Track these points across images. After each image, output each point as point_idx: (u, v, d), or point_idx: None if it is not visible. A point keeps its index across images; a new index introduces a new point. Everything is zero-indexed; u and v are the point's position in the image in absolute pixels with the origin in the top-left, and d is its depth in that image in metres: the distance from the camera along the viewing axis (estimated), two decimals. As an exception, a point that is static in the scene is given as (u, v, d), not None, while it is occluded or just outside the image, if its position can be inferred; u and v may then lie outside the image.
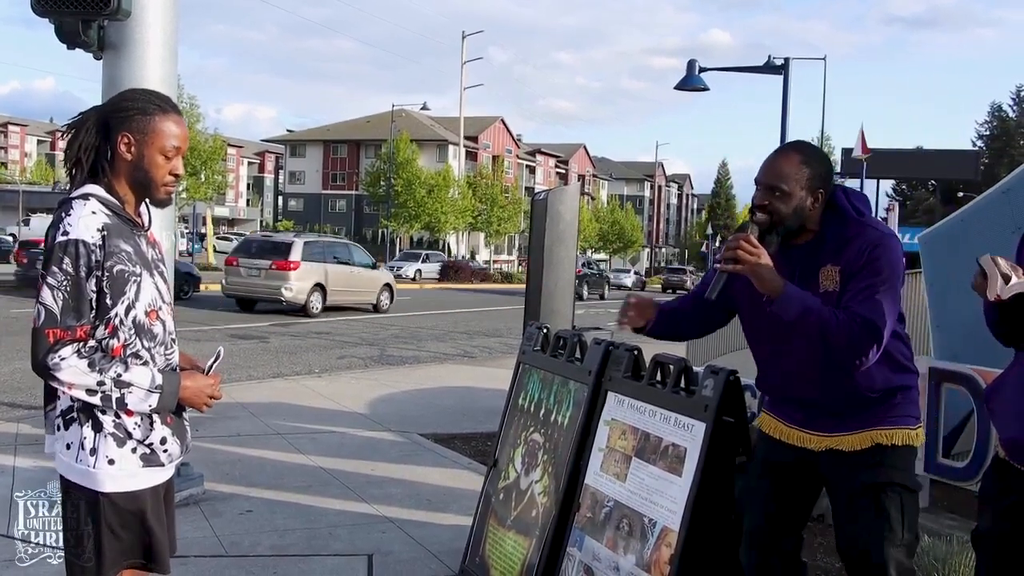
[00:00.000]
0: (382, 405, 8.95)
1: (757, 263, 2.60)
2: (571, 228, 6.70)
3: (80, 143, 2.27)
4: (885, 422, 2.72)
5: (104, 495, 2.22)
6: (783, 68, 15.37)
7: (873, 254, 2.63)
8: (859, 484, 2.71)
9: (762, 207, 2.73)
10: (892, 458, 2.71)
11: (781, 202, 2.70)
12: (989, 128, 61.69)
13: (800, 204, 2.70)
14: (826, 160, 2.82)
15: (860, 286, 2.60)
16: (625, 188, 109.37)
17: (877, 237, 2.67)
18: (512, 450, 3.95)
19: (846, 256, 2.67)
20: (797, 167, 2.71)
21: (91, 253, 2.16)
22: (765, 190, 2.73)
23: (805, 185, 2.70)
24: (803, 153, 2.77)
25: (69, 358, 2.13)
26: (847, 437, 2.74)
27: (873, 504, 2.68)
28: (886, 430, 2.71)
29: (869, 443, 2.71)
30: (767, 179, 2.73)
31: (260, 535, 4.72)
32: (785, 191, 2.69)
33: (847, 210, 2.75)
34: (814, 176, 2.71)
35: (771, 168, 2.75)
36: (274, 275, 19.19)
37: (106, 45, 4.77)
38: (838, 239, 2.71)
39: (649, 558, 3.00)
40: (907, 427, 2.74)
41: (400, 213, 52.79)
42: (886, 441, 2.71)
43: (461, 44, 52.25)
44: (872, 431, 2.72)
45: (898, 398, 2.75)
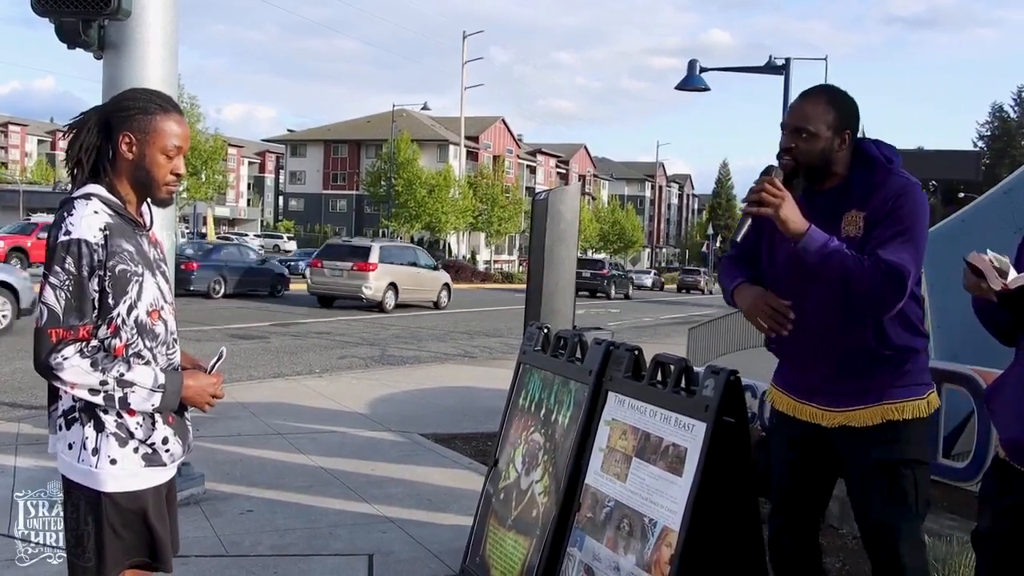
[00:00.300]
0: (383, 405, 8.95)
1: (782, 205, 2.60)
2: (572, 228, 6.70)
3: (81, 143, 2.27)
4: (895, 394, 2.72)
5: (106, 495, 2.23)
6: (784, 68, 15.38)
7: (899, 202, 2.62)
8: (872, 461, 2.73)
9: (788, 150, 2.72)
10: (904, 432, 2.72)
11: (807, 144, 2.70)
12: (990, 128, 61.68)
13: (826, 146, 2.70)
14: (852, 103, 2.78)
15: (886, 234, 2.59)
16: (626, 188, 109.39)
17: (904, 185, 2.66)
18: (513, 450, 3.95)
19: (872, 202, 2.66)
20: (823, 108, 2.70)
21: (93, 253, 2.16)
22: (791, 132, 2.72)
23: (831, 125, 2.69)
24: (829, 95, 2.76)
25: (72, 358, 2.13)
26: (858, 412, 2.74)
27: (888, 482, 2.71)
28: (896, 403, 2.71)
29: (880, 419, 2.72)
30: (793, 121, 2.73)
31: (261, 535, 4.72)
32: (811, 132, 2.69)
33: (876, 157, 2.73)
34: (840, 117, 2.71)
35: (797, 110, 2.74)
36: (355, 275, 21.69)
37: (106, 45, 4.78)
38: (865, 185, 2.70)
39: (649, 558, 3.00)
40: (917, 397, 2.74)
41: (401, 213, 52.80)
42: (897, 416, 2.71)
43: (462, 44, 52.27)
44: (883, 405, 2.72)
45: (908, 364, 2.74)
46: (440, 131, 72.33)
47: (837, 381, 2.78)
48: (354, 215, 75.86)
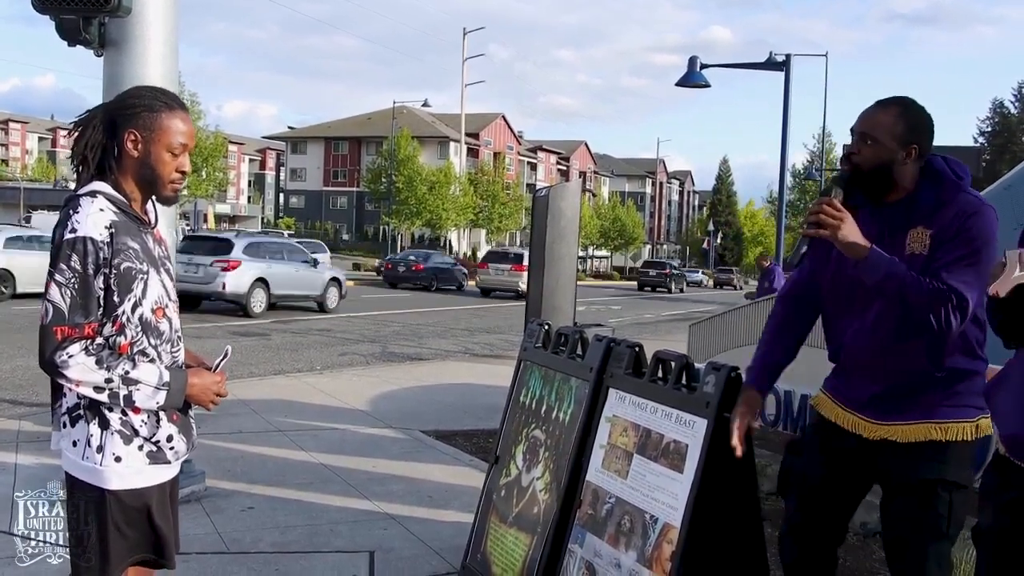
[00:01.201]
0: (383, 402, 8.96)
1: (841, 226, 2.56)
2: (572, 225, 6.71)
3: (87, 141, 2.27)
4: (942, 413, 2.67)
5: (110, 492, 2.23)
6: (785, 65, 15.35)
7: (968, 223, 2.57)
8: (909, 478, 2.68)
9: (851, 154, 2.70)
10: (947, 453, 2.66)
11: (871, 150, 2.65)
12: (991, 124, 61.66)
13: (890, 156, 2.64)
14: (925, 118, 2.72)
15: (952, 256, 2.54)
16: (626, 185, 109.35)
17: (975, 205, 2.61)
18: (513, 447, 3.96)
19: (939, 220, 2.60)
20: (893, 118, 2.66)
21: (99, 250, 2.16)
22: (858, 137, 2.69)
23: (898, 137, 2.64)
24: (902, 106, 2.71)
25: (77, 355, 2.13)
26: (901, 428, 2.69)
27: (922, 501, 2.66)
28: (941, 424, 2.66)
29: (923, 437, 2.66)
30: (861, 126, 2.70)
31: (262, 532, 4.72)
32: (876, 139, 2.65)
33: (945, 173, 2.68)
34: (908, 129, 2.64)
35: (868, 117, 2.71)
36: (513, 274, 30.04)
37: (107, 42, 4.77)
38: (933, 201, 2.64)
39: (650, 555, 3.00)
40: (965, 420, 2.68)
41: (401, 210, 52.82)
42: (940, 436, 2.65)
43: (462, 41, 52.22)
44: (928, 424, 2.67)
45: (961, 386, 2.68)
46: (441, 128, 72.29)
47: (887, 398, 2.73)
48: (355, 212, 75.87)
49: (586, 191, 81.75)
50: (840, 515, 2.91)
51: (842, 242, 2.57)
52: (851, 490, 2.88)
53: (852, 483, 2.87)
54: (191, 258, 17.73)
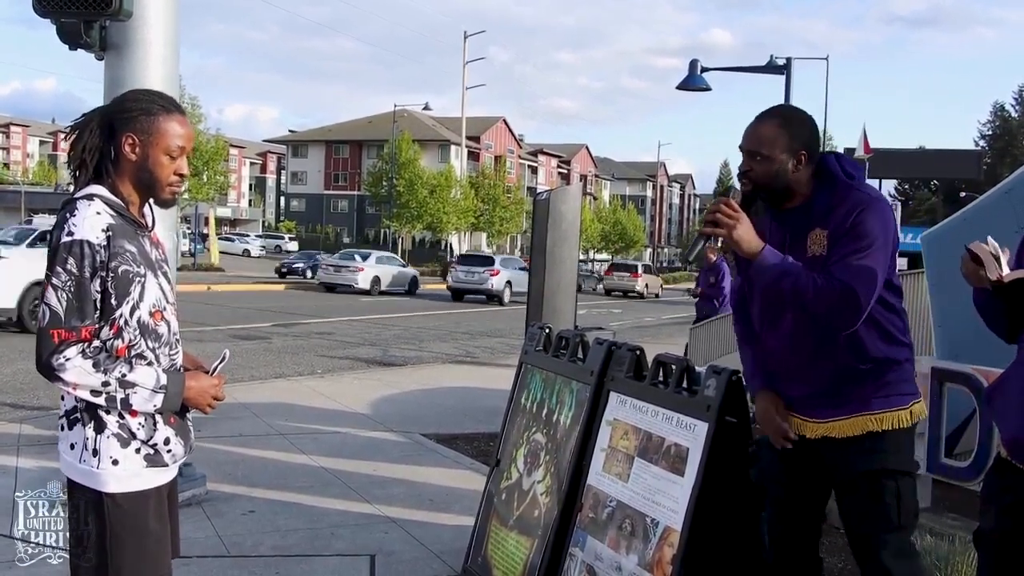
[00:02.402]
0: (384, 405, 8.95)
1: (735, 226, 2.63)
2: (573, 228, 6.71)
3: (84, 144, 2.27)
4: (876, 404, 2.71)
5: (108, 495, 2.22)
6: (785, 68, 15.36)
7: (858, 218, 2.62)
8: (854, 472, 2.73)
9: (744, 172, 2.76)
10: (885, 443, 2.71)
11: (762, 166, 2.72)
12: (992, 128, 61.73)
13: (781, 167, 2.70)
14: (807, 123, 2.79)
15: (843, 251, 2.60)
16: (627, 188, 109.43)
17: (863, 200, 2.66)
18: (514, 450, 3.96)
19: (833, 220, 2.67)
20: (775, 131, 2.72)
21: (96, 254, 2.15)
22: (747, 155, 2.76)
23: (785, 148, 2.70)
24: (781, 117, 2.78)
25: (74, 359, 2.13)
26: (838, 423, 2.74)
27: (869, 492, 2.70)
28: (876, 414, 2.71)
29: (861, 430, 2.71)
30: (747, 144, 2.76)
31: (262, 535, 4.72)
32: (765, 155, 2.71)
33: (836, 174, 2.74)
34: (793, 138, 2.71)
35: (751, 134, 2.76)
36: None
37: (108, 45, 4.77)
38: (826, 203, 2.71)
39: (651, 558, 3.00)
40: (899, 408, 2.73)
41: (402, 213, 52.82)
42: (877, 427, 2.71)
43: (463, 44, 52.27)
44: (863, 416, 2.72)
45: (891, 374, 2.74)
46: (441, 131, 72.35)
47: (819, 396, 2.78)
48: (355, 215, 75.89)
49: (587, 194, 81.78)
50: (810, 517, 2.95)
51: (736, 241, 2.65)
52: (813, 491, 2.92)
53: (811, 484, 2.90)
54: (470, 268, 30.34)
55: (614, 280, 42.66)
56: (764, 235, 2.72)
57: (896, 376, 2.75)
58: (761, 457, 3.01)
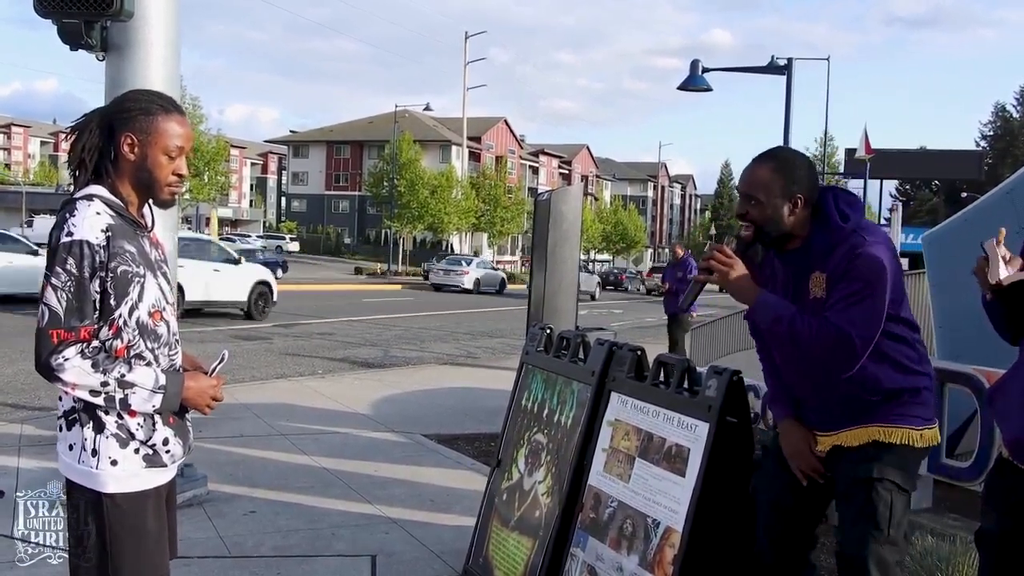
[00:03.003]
0: (385, 406, 8.95)
1: (728, 273, 2.67)
2: (574, 228, 6.72)
3: (84, 144, 2.27)
4: (887, 419, 2.71)
5: (107, 496, 2.22)
6: (786, 68, 15.35)
7: (853, 263, 2.62)
8: (853, 478, 2.73)
9: (741, 216, 2.78)
10: (888, 455, 2.70)
11: (757, 210, 2.73)
12: (993, 128, 61.72)
13: (775, 212, 2.71)
14: (803, 165, 2.80)
15: (838, 296, 2.62)
16: (628, 188, 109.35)
17: (857, 243, 2.65)
18: (515, 450, 3.96)
19: (831, 263, 2.67)
20: (770, 175, 2.72)
21: (95, 254, 2.15)
22: (743, 198, 2.77)
23: (779, 193, 2.70)
24: (776, 160, 2.78)
25: (73, 359, 2.13)
26: (847, 433, 2.75)
27: (863, 499, 2.69)
28: (885, 427, 2.71)
29: (867, 439, 2.71)
30: (743, 188, 2.78)
31: (263, 536, 4.72)
32: (760, 200, 2.71)
33: (831, 215, 2.73)
34: (788, 183, 2.71)
35: (747, 177, 2.77)
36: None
37: (109, 46, 4.77)
38: (824, 245, 2.71)
39: (652, 558, 3.00)
40: (910, 427, 2.72)
41: (403, 214, 52.76)
42: (883, 438, 2.70)
43: (464, 45, 52.27)
44: (872, 427, 2.72)
45: (902, 400, 2.73)
46: (442, 132, 72.31)
47: (830, 420, 2.80)
48: (356, 216, 75.86)
49: (588, 195, 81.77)
50: (806, 527, 2.94)
51: (731, 288, 2.69)
52: (814, 504, 2.92)
53: (814, 497, 2.90)
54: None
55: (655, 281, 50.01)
56: (771, 275, 2.77)
57: (912, 401, 2.74)
58: (765, 464, 3.01)
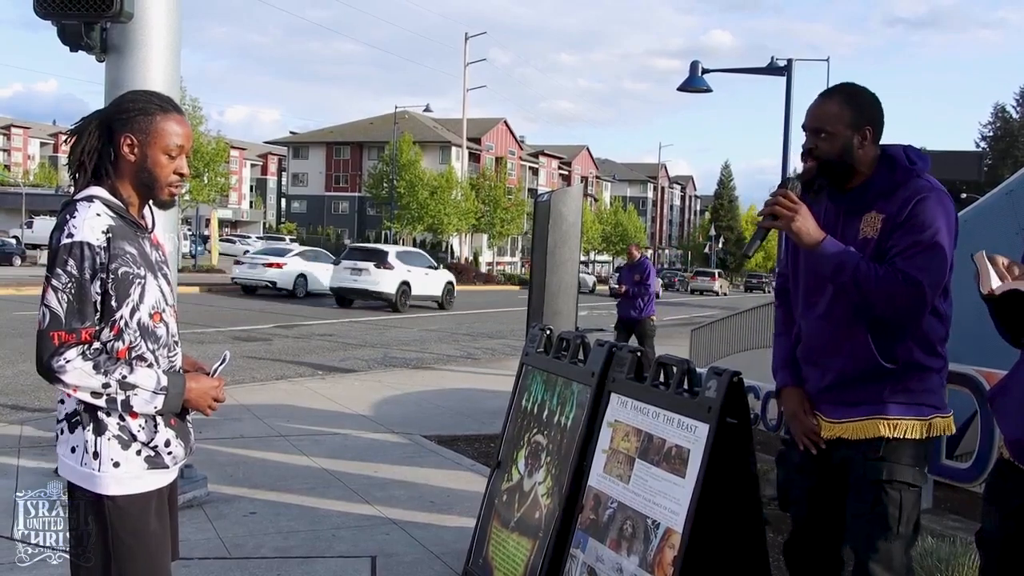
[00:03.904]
0: (385, 407, 8.95)
1: (795, 217, 2.60)
2: (574, 230, 6.71)
3: (83, 146, 2.27)
4: (893, 410, 2.67)
5: (109, 498, 2.22)
6: (786, 70, 15.35)
7: (917, 207, 2.59)
8: (860, 478, 2.70)
9: (809, 151, 2.73)
10: (896, 453, 2.67)
11: (827, 143, 2.69)
12: (993, 129, 61.69)
13: (846, 143, 2.69)
14: (871, 98, 2.76)
15: (905, 242, 2.57)
16: (628, 190, 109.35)
17: (923, 188, 2.63)
18: (515, 452, 3.95)
19: (891, 205, 2.64)
20: (839, 107, 2.70)
21: (96, 255, 2.15)
22: (810, 133, 2.73)
23: (849, 123, 2.68)
24: (844, 93, 2.75)
25: (74, 360, 2.13)
26: (851, 424, 2.71)
27: (872, 500, 2.67)
28: (891, 420, 2.67)
29: (873, 433, 2.68)
30: (811, 122, 2.73)
31: (264, 537, 4.72)
32: (829, 131, 2.68)
33: (899, 158, 2.71)
34: (857, 114, 2.70)
35: (814, 111, 2.74)
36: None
37: (109, 47, 4.78)
38: (885, 186, 2.68)
39: (652, 559, 2.99)
40: (916, 417, 2.68)
41: (403, 215, 52.78)
42: (889, 433, 2.67)
43: (464, 46, 52.26)
44: (877, 419, 2.68)
45: (914, 382, 2.69)
46: (442, 133, 72.31)
47: (837, 390, 2.75)
48: (356, 217, 75.86)
49: (588, 196, 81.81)
50: (833, 518, 2.89)
51: (795, 233, 2.63)
52: (834, 493, 2.86)
53: (832, 486, 2.86)
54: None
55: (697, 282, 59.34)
56: (819, 215, 2.71)
57: (920, 384, 2.70)
58: (788, 458, 2.98)
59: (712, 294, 57.31)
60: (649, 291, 11.03)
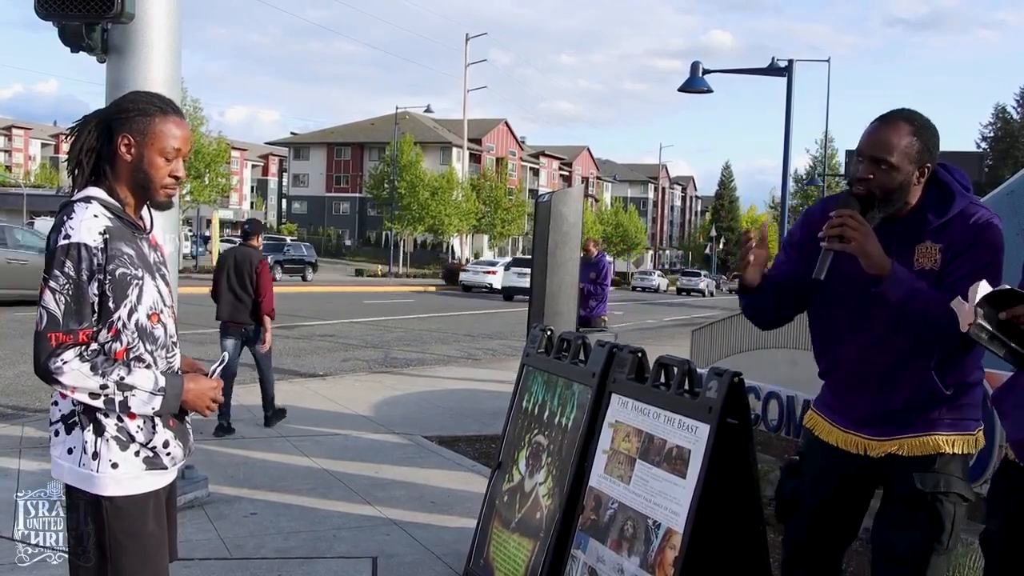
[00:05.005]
0: (386, 407, 8.95)
1: (866, 241, 2.44)
2: (575, 230, 6.70)
3: (82, 145, 2.27)
4: (947, 426, 2.62)
5: (107, 499, 2.22)
6: (787, 70, 15.36)
7: (983, 235, 2.49)
8: (917, 491, 2.61)
9: (864, 180, 2.53)
10: (952, 466, 2.62)
11: (887, 176, 2.51)
12: (993, 130, 61.73)
13: (906, 179, 2.51)
14: (934, 131, 2.58)
15: (969, 268, 2.43)
16: (629, 190, 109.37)
17: (985, 217, 2.52)
18: (516, 452, 3.95)
19: (949, 234, 2.52)
20: (907, 138, 2.51)
21: (93, 256, 2.15)
22: (870, 162, 2.52)
23: (914, 159, 2.51)
24: (913, 124, 2.55)
25: (71, 361, 2.12)
26: (908, 440, 2.63)
27: (927, 510, 2.60)
28: (949, 436, 2.62)
29: (932, 449, 2.60)
30: (872, 151, 2.53)
31: (264, 538, 4.72)
32: (893, 164, 2.50)
33: (952, 185, 2.57)
34: (924, 149, 2.52)
35: (877, 139, 2.53)
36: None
37: (109, 48, 4.77)
38: (940, 214, 2.54)
39: (653, 560, 2.99)
40: (968, 432, 2.65)
41: (404, 215, 52.81)
42: (948, 449, 2.60)
43: (464, 46, 52.28)
44: (936, 435, 2.61)
45: (965, 398, 2.65)
46: (443, 133, 72.35)
47: (893, 414, 2.65)
48: (357, 217, 75.91)
49: (588, 196, 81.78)
50: (846, 532, 2.88)
51: (866, 256, 2.46)
52: (855, 507, 2.85)
53: (856, 501, 2.84)
54: None
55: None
56: None
57: (969, 400, 2.66)
58: (803, 473, 2.89)
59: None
60: (604, 290, 10.76)
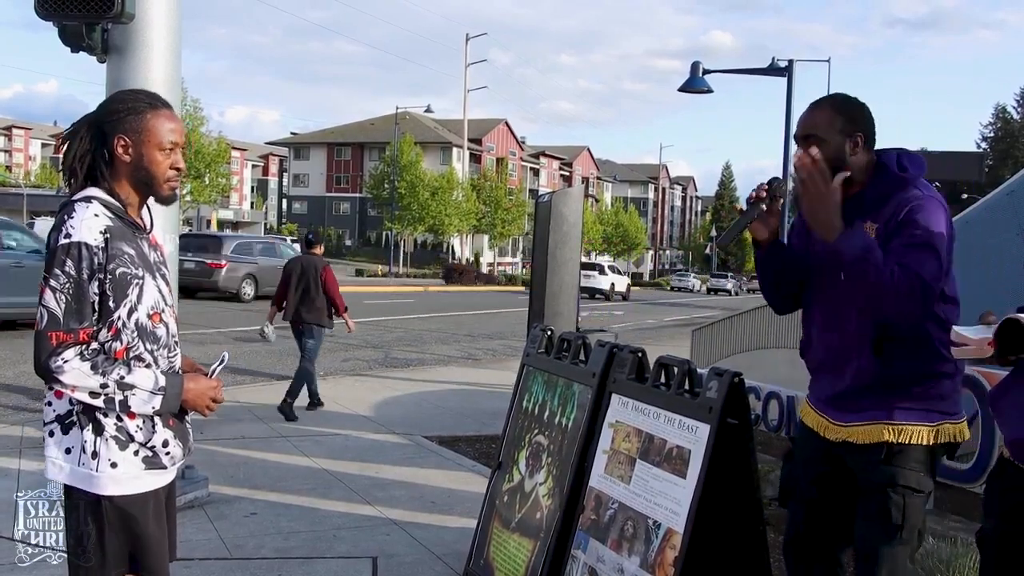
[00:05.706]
0: (386, 407, 8.96)
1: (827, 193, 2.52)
2: (575, 230, 6.70)
3: (74, 153, 2.28)
4: (899, 415, 2.65)
5: (106, 498, 2.22)
6: (787, 70, 15.36)
7: (910, 214, 2.58)
8: (867, 481, 2.70)
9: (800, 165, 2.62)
10: (901, 458, 2.65)
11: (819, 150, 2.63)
12: (993, 130, 61.75)
13: (838, 150, 2.67)
14: (860, 106, 2.77)
15: (901, 241, 2.54)
16: (629, 190, 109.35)
17: (915, 197, 2.61)
18: (516, 452, 3.95)
19: (884, 213, 2.63)
20: (829, 114, 2.72)
21: (93, 256, 2.16)
22: (802, 141, 2.72)
23: (839, 129, 2.68)
24: (833, 101, 2.78)
25: (72, 360, 2.13)
26: (858, 428, 2.70)
27: (877, 504, 2.66)
28: (896, 425, 2.65)
29: (878, 438, 2.66)
30: (801, 130, 2.75)
31: (264, 538, 4.72)
32: (820, 137, 2.67)
33: (890, 167, 2.71)
34: (847, 120, 2.70)
35: (804, 120, 2.76)
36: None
37: (110, 48, 4.77)
38: (878, 193, 2.68)
39: (653, 560, 2.99)
40: (922, 423, 2.65)
41: (404, 216, 52.84)
42: (894, 439, 2.64)
43: (464, 47, 52.29)
44: (883, 424, 2.65)
45: (920, 388, 2.65)
46: (443, 133, 72.36)
47: (846, 395, 2.74)
48: (357, 218, 75.93)
49: (588, 196, 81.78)
50: (839, 521, 2.88)
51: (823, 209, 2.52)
52: (843, 498, 2.85)
53: (840, 488, 2.84)
54: None
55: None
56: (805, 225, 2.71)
57: (927, 391, 2.67)
58: (796, 457, 2.98)
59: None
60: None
